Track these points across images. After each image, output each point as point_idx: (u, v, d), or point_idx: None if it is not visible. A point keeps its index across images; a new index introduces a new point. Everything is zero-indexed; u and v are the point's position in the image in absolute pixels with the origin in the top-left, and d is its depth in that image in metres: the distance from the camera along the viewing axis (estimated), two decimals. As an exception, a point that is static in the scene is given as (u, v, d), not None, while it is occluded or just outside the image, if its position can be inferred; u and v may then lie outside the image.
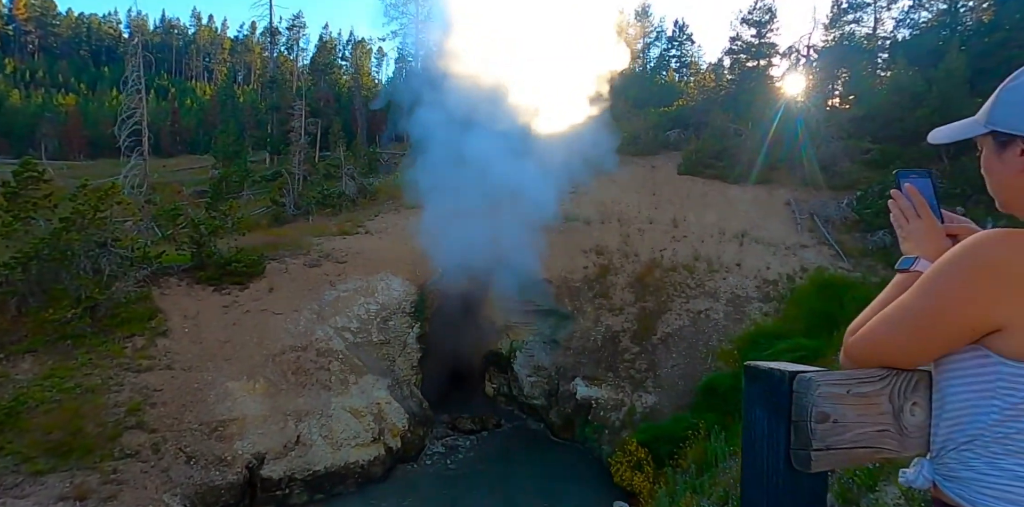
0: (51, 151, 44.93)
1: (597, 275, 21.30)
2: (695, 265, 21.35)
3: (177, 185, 33.95)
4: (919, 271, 1.22)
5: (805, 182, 25.59)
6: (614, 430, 17.33)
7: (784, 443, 1.07)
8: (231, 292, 18.25)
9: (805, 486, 1.08)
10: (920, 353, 1.16)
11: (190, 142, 53.91)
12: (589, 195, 25.24)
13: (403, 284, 20.14)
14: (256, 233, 23.03)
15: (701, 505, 11.00)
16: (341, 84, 55.66)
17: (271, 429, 14.98)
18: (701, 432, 14.28)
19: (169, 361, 15.53)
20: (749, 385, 1.13)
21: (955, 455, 1.12)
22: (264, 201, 32.26)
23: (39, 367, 14.37)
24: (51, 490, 11.72)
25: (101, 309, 15.92)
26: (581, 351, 19.51)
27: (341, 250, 21.14)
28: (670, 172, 27.48)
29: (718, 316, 19.49)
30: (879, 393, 1.13)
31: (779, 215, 23.92)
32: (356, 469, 15.40)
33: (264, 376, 15.98)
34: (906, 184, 1.38)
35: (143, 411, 13.99)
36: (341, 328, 18.28)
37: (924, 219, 1.34)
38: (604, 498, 14.77)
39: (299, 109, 36.82)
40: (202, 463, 13.65)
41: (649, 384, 18.10)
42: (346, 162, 31.60)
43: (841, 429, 1.07)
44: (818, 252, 21.78)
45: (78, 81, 65.76)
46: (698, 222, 23.63)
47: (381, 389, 17.20)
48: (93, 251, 16.05)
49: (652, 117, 32.37)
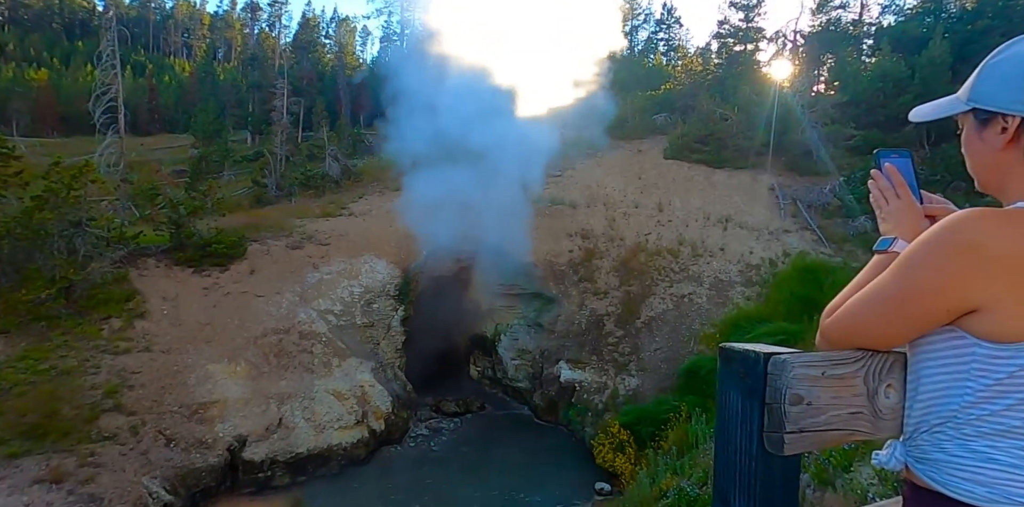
0: (23, 127, 43.86)
1: (582, 259, 21.32)
2: (679, 249, 21.44)
3: (155, 164, 33.33)
4: (896, 252, 1.19)
5: (789, 167, 25.71)
6: (597, 413, 17.49)
7: (758, 426, 1.03)
8: (211, 274, 18.03)
9: (778, 469, 1.05)
10: (895, 334, 1.13)
11: (168, 120, 52.85)
12: (575, 178, 25.19)
13: (387, 267, 20.02)
14: (237, 214, 22.72)
15: (681, 486, 11.16)
16: (324, 63, 54.81)
17: (253, 412, 14.92)
18: (682, 414, 14.46)
19: (147, 343, 15.35)
20: (724, 366, 1.09)
21: (927, 437, 1.10)
22: (245, 182, 31.85)
23: (12, 349, 14.13)
24: (26, 473, 11.59)
25: (77, 290, 15.65)
26: (565, 334, 19.60)
27: (324, 232, 20.93)
28: (656, 156, 27.46)
29: (701, 300, 19.64)
30: (854, 375, 1.10)
31: (763, 200, 24.05)
32: (339, 451, 15.41)
33: (246, 359, 15.87)
34: (886, 164, 1.34)
35: (121, 393, 13.84)
36: (324, 311, 18.17)
37: (903, 199, 1.30)
38: (587, 479, 14.96)
39: (281, 88, 36.25)
40: (182, 446, 13.57)
41: (632, 367, 18.25)
42: (329, 143, 31.20)
43: (815, 411, 1.04)
44: (801, 237, 21.97)
45: (50, 55, 63.87)
46: (683, 206, 23.70)
47: (365, 372, 17.16)
48: (67, 231, 15.74)
49: (639, 100, 32.24)
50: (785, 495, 1.07)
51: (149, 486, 12.39)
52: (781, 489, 1.07)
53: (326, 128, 34.72)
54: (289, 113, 37.66)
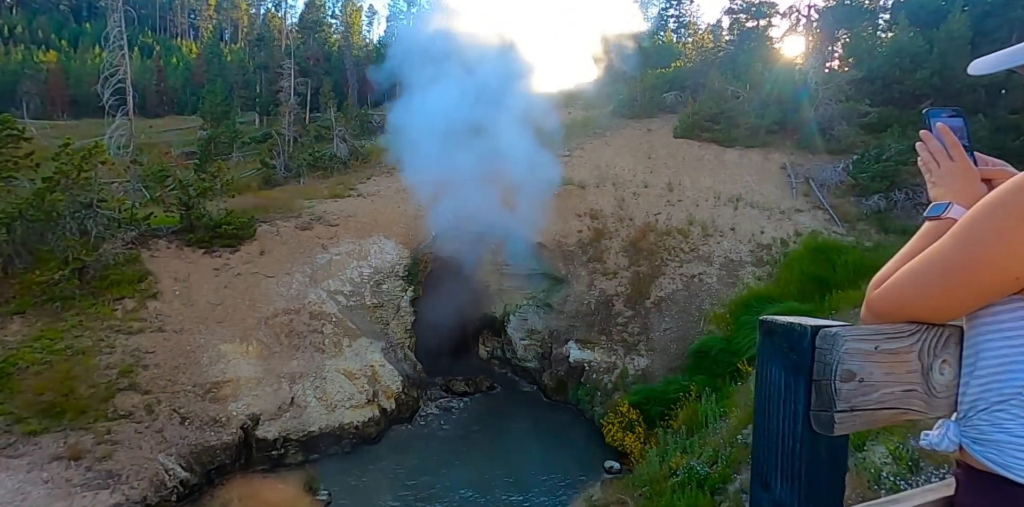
0: (33, 110, 43.89)
1: (591, 239, 21.21)
2: (689, 229, 21.27)
3: (164, 146, 33.32)
4: (952, 218, 1.10)
5: (801, 146, 25.33)
6: (606, 392, 17.54)
7: (803, 404, 0.96)
8: (222, 255, 18.08)
9: (824, 450, 0.98)
10: (955, 306, 1.04)
11: (176, 102, 52.72)
12: (584, 158, 24.95)
13: (396, 247, 20.01)
14: (246, 195, 22.71)
15: (691, 465, 11.19)
16: (331, 43, 54.25)
17: (265, 391, 15.06)
18: (692, 394, 14.45)
19: (160, 323, 15.46)
20: (765, 340, 1.02)
21: (986, 416, 1.03)
22: (254, 163, 31.78)
23: (28, 329, 14.28)
24: (45, 450, 11.79)
25: (89, 271, 15.74)
26: (574, 315, 19.58)
27: (333, 213, 20.90)
28: (666, 135, 27.11)
29: (711, 280, 19.53)
30: (909, 349, 1.03)
31: (774, 179, 23.75)
32: (351, 430, 15.57)
33: (257, 339, 15.98)
34: (937, 124, 1.23)
35: (135, 373, 13.99)
36: (334, 291, 18.22)
37: (957, 162, 1.20)
38: (596, 458, 15.06)
39: (288, 68, 35.93)
40: (196, 424, 13.74)
41: (641, 347, 18.24)
42: (337, 124, 31.02)
43: (867, 389, 0.97)
44: (812, 216, 21.72)
45: (58, 37, 63.70)
46: (693, 186, 23.45)
47: (375, 352, 17.26)
48: (79, 212, 15.78)
49: (649, 79, 31.71)
50: (831, 478, 1.01)
51: (165, 463, 12.58)
52: (827, 472, 1.00)
53: (333, 109, 34.49)
54: (296, 94, 37.39)
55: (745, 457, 10.54)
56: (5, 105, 41.08)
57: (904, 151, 21.83)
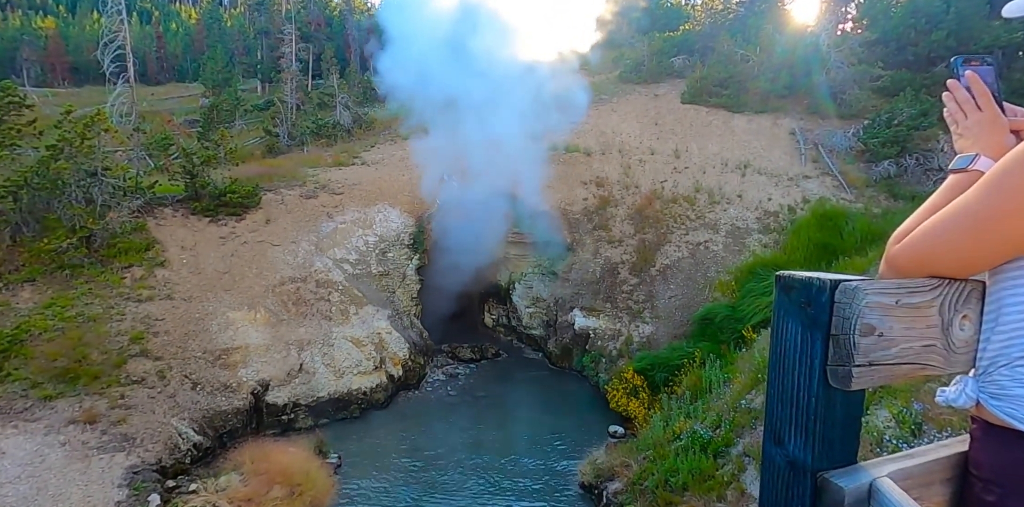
0: (34, 77, 43.46)
1: (597, 207, 21.10)
2: (696, 197, 21.12)
3: (167, 114, 33.07)
4: (979, 171, 1.07)
5: (811, 111, 24.90)
6: (611, 359, 17.71)
7: (820, 359, 0.95)
8: (227, 223, 18.11)
9: (840, 405, 0.98)
10: (980, 260, 1.02)
11: (177, 69, 52.08)
12: (589, 125, 24.64)
13: (401, 216, 19.97)
14: (250, 164, 22.62)
15: (694, 429, 11.36)
16: (332, 7, 53.11)
17: (274, 357, 15.26)
18: (696, 360, 14.58)
19: (169, 291, 15.60)
20: (782, 296, 1.00)
21: (1007, 372, 1.01)
22: (257, 131, 31.52)
23: (39, 296, 14.43)
24: (61, 414, 12.04)
25: (97, 239, 15.81)
26: (580, 283, 19.63)
27: (337, 181, 20.81)
28: (673, 101, 26.68)
29: (717, 248, 19.48)
30: (930, 304, 1.01)
31: (783, 145, 23.44)
32: (359, 396, 15.83)
33: (265, 306, 16.12)
34: (966, 72, 1.18)
35: (146, 340, 14.18)
36: (340, 260, 18.28)
37: (986, 112, 1.16)
38: (600, 423, 15.29)
39: (289, 34, 35.31)
40: (208, 389, 13.98)
41: (646, 315, 18.33)
42: (340, 90, 30.60)
43: (886, 343, 0.95)
44: (821, 183, 21.50)
45: (56, 3, 62.62)
46: (700, 153, 23.18)
47: (381, 319, 17.40)
48: (84, 180, 15.76)
49: (656, 43, 31.03)
50: (845, 433, 1.00)
51: (179, 427, 12.85)
52: (842, 427, 0.99)
53: (336, 75, 33.93)
54: (298, 60, 36.81)
55: (748, 421, 10.69)
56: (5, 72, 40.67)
57: (916, 115, 21.45)
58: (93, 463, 11.32)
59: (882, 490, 0.94)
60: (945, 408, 6.67)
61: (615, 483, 11.79)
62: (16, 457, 10.99)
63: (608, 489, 11.79)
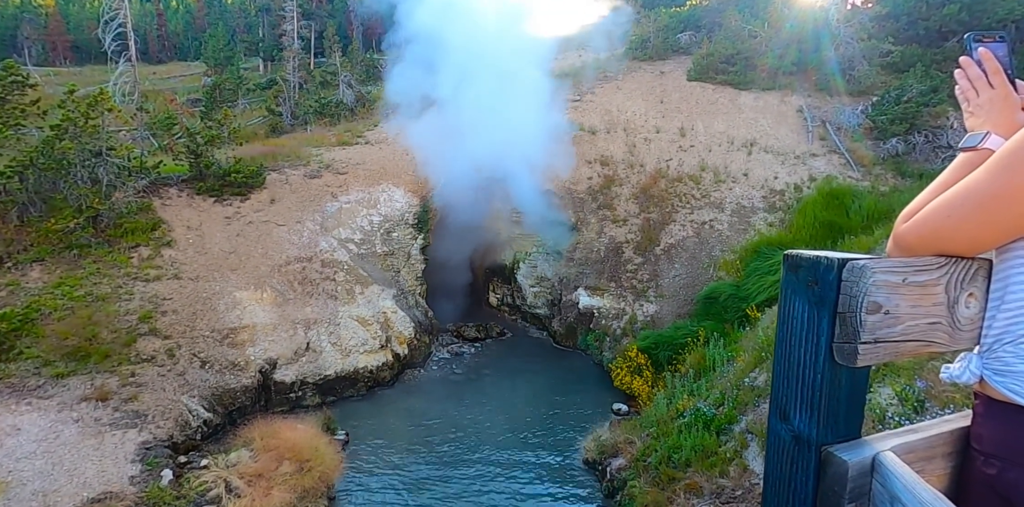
0: (35, 56, 43.17)
1: (601, 186, 21.02)
2: (701, 176, 21.00)
3: (169, 93, 32.88)
4: (989, 149, 1.07)
5: (820, 87, 24.58)
6: (615, 338, 17.81)
7: (826, 336, 0.97)
8: (232, 203, 18.13)
9: (845, 381, 1.00)
10: (988, 238, 1.03)
11: (178, 47, 51.63)
12: (594, 103, 24.41)
13: (405, 195, 19.94)
14: (254, 144, 22.52)
15: (698, 407, 11.48)
16: (333, -17, 52.28)
17: (281, 336, 15.41)
18: (700, 339, 14.66)
19: (176, 271, 15.70)
20: (789, 274, 1.01)
21: (1011, 348, 1.03)
22: (260, 111, 31.38)
23: (48, 276, 14.55)
24: (73, 392, 12.23)
25: (103, 219, 15.88)
26: (584, 262, 19.65)
27: (341, 161, 20.75)
28: (679, 78, 26.35)
29: (722, 227, 19.43)
30: (936, 282, 1.02)
31: (790, 123, 23.20)
32: (365, 374, 16.01)
33: (271, 286, 16.22)
34: (979, 49, 1.17)
35: (155, 319, 14.32)
36: (345, 239, 18.32)
37: (998, 89, 1.15)
38: (604, 401, 15.45)
39: (290, 11, 34.90)
40: (216, 368, 14.16)
41: (651, 294, 18.37)
42: (342, 69, 30.32)
43: (892, 321, 0.97)
44: (828, 161, 21.33)
45: (55, -20, 61.90)
46: (706, 131, 22.98)
47: (387, 299, 17.51)
48: (88, 160, 15.75)
49: (663, 18, 30.54)
50: (850, 408, 1.02)
51: (189, 404, 13.05)
52: (847, 402, 1.02)
53: (338, 54, 33.59)
54: (300, 38, 36.42)
55: (752, 399, 10.79)
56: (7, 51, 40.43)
57: (926, 92, 21.17)
58: (106, 439, 11.53)
59: (885, 463, 0.97)
60: (948, 385, 6.72)
61: (619, 459, 11.95)
62: (31, 433, 11.19)
63: (612, 465, 11.97)
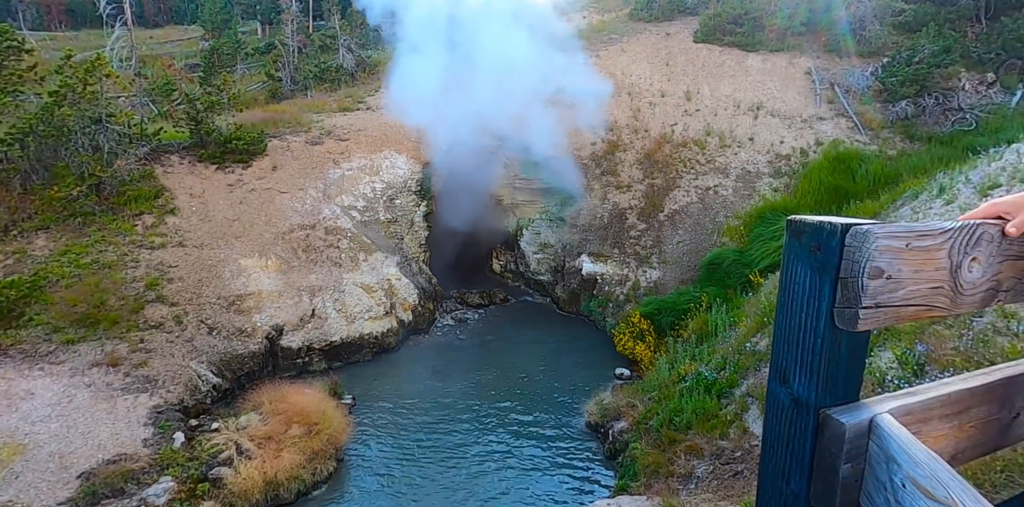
0: (30, 21, 42.39)
1: (605, 152, 20.81)
2: (706, 140, 20.75)
3: (167, 58, 32.32)
4: None
5: (830, 49, 24.03)
6: (618, 303, 17.91)
7: (828, 301, 0.97)
8: (234, 170, 18.05)
9: (845, 346, 1.00)
10: None
11: (175, 10, 50.56)
12: (599, 66, 23.95)
13: (407, 162, 19.81)
14: (254, 110, 22.26)
15: (699, 371, 11.62)
16: (330, -58, 50.79)
17: (287, 303, 15.55)
18: (703, 305, 14.74)
19: (180, 238, 15.75)
20: (792, 240, 1.01)
21: None
22: (259, 76, 30.91)
23: (53, 244, 14.63)
24: (84, 357, 12.44)
25: (106, 187, 15.85)
26: (587, 228, 19.62)
27: (343, 127, 20.55)
28: (685, 40, 25.77)
29: (727, 192, 19.30)
30: (940, 247, 1.02)
31: (798, 86, 22.77)
32: (370, 340, 16.20)
33: (275, 253, 16.28)
34: None
35: (161, 286, 14.45)
36: (348, 207, 18.29)
37: None
38: (607, 365, 15.64)
39: (287, -29, 33.95)
40: (224, 334, 14.34)
41: (654, 260, 18.39)
42: (342, 32, 29.71)
43: (894, 286, 0.97)
44: (835, 124, 21.01)
45: (45, -59, 60.22)
46: (712, 94, 22.59)
47: (391, 266, 17.58)
48: (88, 127, 15.63)
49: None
50: (849, 373, 1.03)
51: (198, 369, 13.27)
52: (846, 366, 1.03)
53: (337, 16, 32.86)
54: (298, 0, 35.61)
55: (753, 363, 10.91)
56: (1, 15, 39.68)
57: (938, 52, 20.69)
58: (118, 403, 11.77)
59: (882, 425, 0.98)
60: (949, 349, 6.77)
61: (621, 422, 12.18)
62: (45, 398, 11.43)
63: (614, 428, 12.20)
